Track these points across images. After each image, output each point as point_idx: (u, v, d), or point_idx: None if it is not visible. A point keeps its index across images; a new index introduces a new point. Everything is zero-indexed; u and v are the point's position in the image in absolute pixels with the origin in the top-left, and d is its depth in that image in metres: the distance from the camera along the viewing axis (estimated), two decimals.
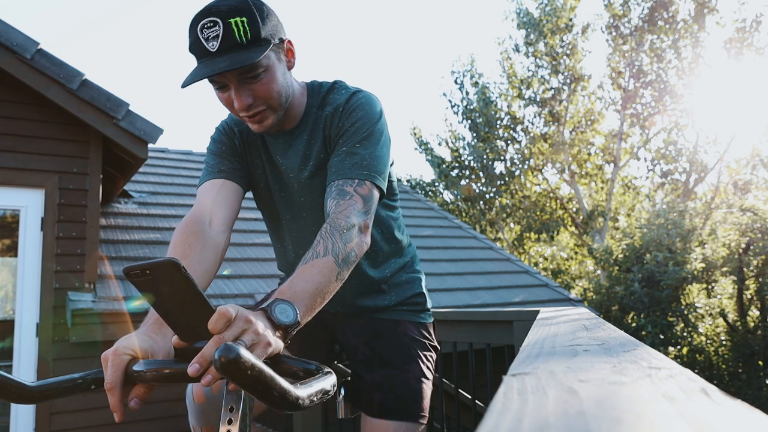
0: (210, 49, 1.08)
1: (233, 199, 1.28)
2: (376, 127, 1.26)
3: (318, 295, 0.99)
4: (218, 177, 1.30)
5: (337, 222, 1.10)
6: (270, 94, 1.17)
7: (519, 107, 15.83)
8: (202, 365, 0.78)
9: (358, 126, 1.24)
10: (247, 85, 1.14)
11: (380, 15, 50.10)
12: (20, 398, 0.86)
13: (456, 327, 2.18)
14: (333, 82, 1.36)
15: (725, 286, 9.50)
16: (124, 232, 4.91)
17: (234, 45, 1.08)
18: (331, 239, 1.06)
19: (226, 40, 1.08)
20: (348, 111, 1.27)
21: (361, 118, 1.25)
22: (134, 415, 3.68)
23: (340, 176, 1.20)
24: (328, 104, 1.31)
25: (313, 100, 1.33)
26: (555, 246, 16.28)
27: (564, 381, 0.45)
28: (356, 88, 1.33)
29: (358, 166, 1.20)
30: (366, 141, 1.23)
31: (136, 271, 0.77)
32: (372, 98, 1.30)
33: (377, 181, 1.21)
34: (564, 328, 1.01)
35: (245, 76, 1.12)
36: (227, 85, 1.14)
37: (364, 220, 1.15)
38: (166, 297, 0.80)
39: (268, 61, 1.14)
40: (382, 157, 1.25)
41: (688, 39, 13.79)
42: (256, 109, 1.17)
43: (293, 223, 1.41)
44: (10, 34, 3.79)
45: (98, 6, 69.14)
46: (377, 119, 1.27)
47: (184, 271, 0.77)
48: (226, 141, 1.36)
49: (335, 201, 1.16)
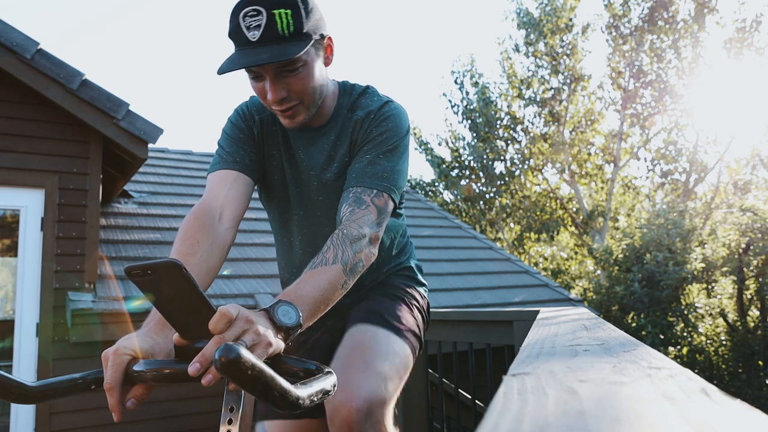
0: (251, 38, 1.07)
1: (244, 194, 1.26)
2: (403, 141, 1.27)
3: (322, 302, 0.99)
4: (233, 168, 1.27)
5: (349, 230, 1.10)
6: (305, 89, 1.15)
7: (519, 107, 15.83)
8: (203, 365, 0.78)
9: (385, 137, 1.24)
10: (283, 78, 1.13)
11: (380, 15, 50.11)
12: (20, 398, 0.86)
13: (456, 327, 2.18)
14: (366, 87, 1.36)
15: (725, 286, 9.49)
16: (124, 232, 4.91)
17: (276, 37, 1.06)
18: (341, 247, 1.06)
19: (268, 31, 1.06)
20: (378, 119, 1.26)
21: (390, 130, 1.25)
22: (134, 415, 3.68)
23: (359, 183, 1.19)
24: (359, 108, 1.30)
25: (344, 100, 1.32)
26: (555, 246, 16.28)
27: (564, 381, 0.45)
28: (388, 98, 1.32)
29: (379, 177, 1.20)
30: (390, 153, 1.24)
31: (138, 270, 0.77)
32: (402, 111, 1.31)
33: (394, 195, 1.22)
34: (564, 328, 1.01)
35: (283, 69, 1.11)
36: (263, 76, 1.13)
37: (376, 231, 1.15)
38: (167, 297, 0.80)
39: (307, 56, 1.13)
40: (403, 171, 1.25)
41: (688, 39, 13.79)
42: (290, 103, 1.16)
43: (305, 220, 1.39)
44: (10, 34, 3.79)
45: (98, 6, 69.13)
46: (405, 133, 1.28)
47: (185, 272, 0.77)
48: (245, 128, 1.34)
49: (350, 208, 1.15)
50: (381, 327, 1.30)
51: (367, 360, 1.19)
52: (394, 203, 1.23)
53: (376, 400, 1.13)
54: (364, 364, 1.18)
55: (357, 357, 1.20)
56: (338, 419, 1.12)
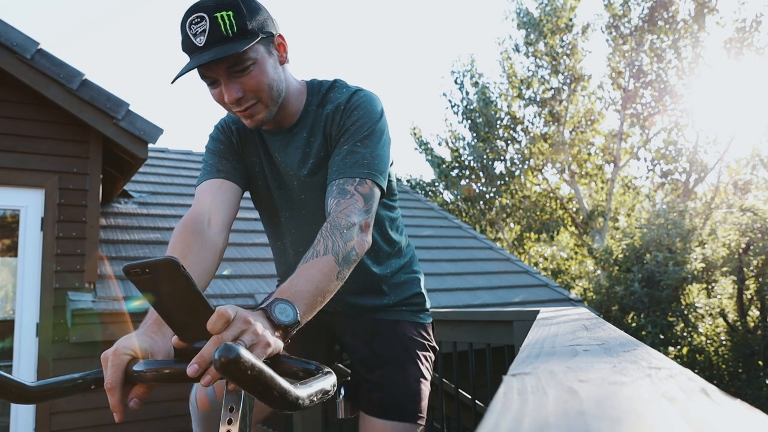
0: (198, 44, 1.09)
1: (232, 200, 1.28)
2: (377, 126, 1.26)
3: (318, 294, 0.99)
4: (217, 177, 1.30)
5: (337, 221, 1.10)
6: (260, 87, 1.16)
7: (519, 107, 15.83)
8: (201, 366, 0.78)
9: (359, 125, 1.25)
10: (236, 79, 1.14)
11: (380, 15, 50.12)
12: (20, 398, 0.86)
13: (456, 327, 2.18)
14: (333, 81, 1.36)
15: (725, 286, 9.49)
16: (124, 232, 4.91)
17: (220, 38, 1.08)
18: (331, 238, 1.06)
19: (212, 34, 1.08)
20: (349, 110, 1.27)
21: (362, 117, 1.25)
22: (134, 415, 3.68)
23: (340, 175, 1.20)
24: (328, 102, 1.31)
25: (313, 98, 1.33)
26: (555, 246, 16.28)
27: (564, 381, 0.45)
28: (357, 87, 1.33)
29: (359, 165, 1.20)
30: (367, 140, 1.24)
31: (136, 269, 0.77)
32: (373, 97, 1.31)
33: (378, 180, 1.22)
34: (564, 328, 1.01)
35: (234, 70, 1.13)
36: (218, 81, 1.15)
37: (365, 218, 1.15)
38: (165, 296, 0.80)
39: (256, 54, 1.14)
40: (383, 156, 1.25)
41: (688, 39, 13.79)
42: (247, 103, 1.17)
43: (292, 220, 1.40)
44: (10, 34, 3.79)
45: (98, 6, 69.15)
46: (378, 118, 1.28)
47: (183, 270, 0.77)
48: (224, 139, 1.36)
49: (336, 200, 1.16)
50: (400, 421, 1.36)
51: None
52: (380, 189, 1.23)
53: None
54: None
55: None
56: None
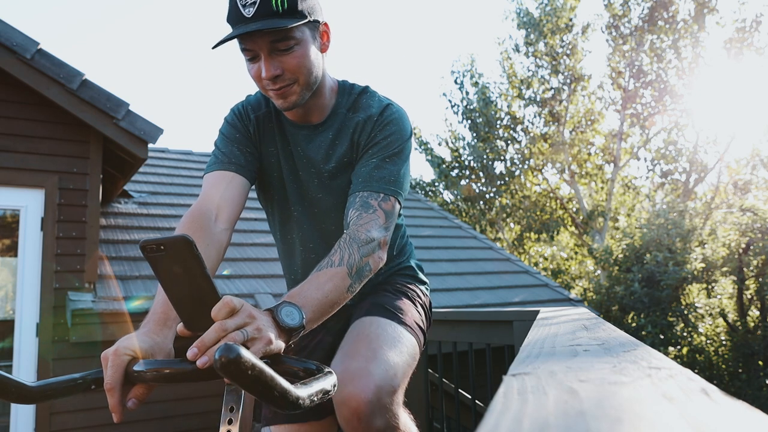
0: (246, 14, 1.08)
1: (240, 196, 1.27)
2: (407, 145, 1.28)
3: (327, 304, 0.99)
4: (229, 169, 1.27)
5: (357, 234, 1.10)
6: (300, 68, 1.15)
7: (519, 107, 15.83)
8: (201, 350, 0.78)
9: (390, 140, 1.25)
10: (277, 56, 1.13)
11: (380, 15, 50.12)
12: (20, 398, 0.86)
13: (456, 327, 2.18)
14: (365, 87, 1.37)
15: (725, 286, 9.49)
16: (124, 232, 4.91)
17: (270, 12, 1.08)
18: (348, 250, 1.06)
19: (263, 6, 1.07)
20: (382, 123, 1.27)
21: (394, 134, 1.26)
22: (134, 416, 3.68)
23: (366, 188, 1.20)
24: (360, 109, 1.30)
25: (344, 99, 1.32)
26: (555, 246, 16.28)
27: (564, 381, 0.45)
28: (389, 100, 1.33)
29: (386, 181, 1.21)
30: (396, 157, 1.25)
31: (152, 245, 0.78)
32: (404, 114, 1.32)
33: (400, 198, 1.23)
34: (564, 328, 1.01)
35: (277, 46, 1.12)
36: (258, 56, 1.14)
37: (384, 236, 1.15)
38: (176, 276, 0.80)
39: (302, 34, 1.14)
40: (407, 175, 1.27)
41: (688, 39, 13.79)
42: (283, 82, 1.16)
43: (304, 216, 1.39)
44: (10, 34, 3.79)
45: (98, 6, 69.16)
46: (408, 137, 1.29)
47: (196, 251, 0.78)
48: (241, 127, 1.34)
49: (357, 212, 1.16)
50: (386, 318, 1.29)
51: (374, 348, 1.17)
52: (400, 206, 1.24)
53: (385, 388, 1.10)
54: (371, 351, 1.16)
55: (363, 346, 1.18)
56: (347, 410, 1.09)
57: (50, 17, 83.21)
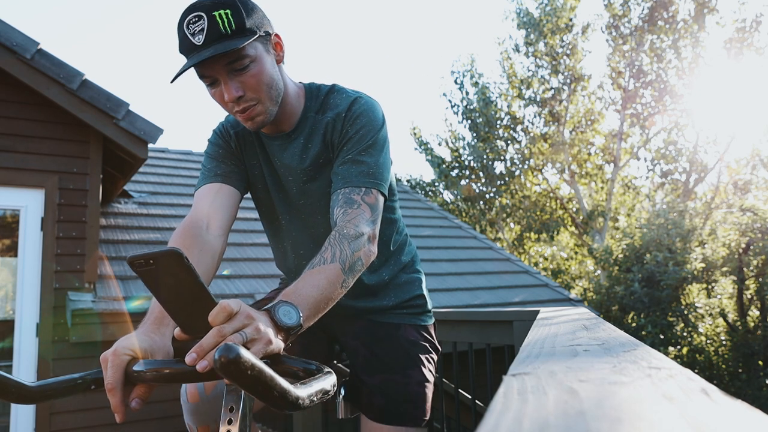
0: (196, 42, 1.09)
1: (230, 203, 1.28)
2: (380, 134, 1.27)
3: (323, 301, 0.99)
4: (215, 181, 1.30)
5: (346, 230, 1.10)
6: (260, 85, 1.16)
7: (519, 107, 15.83)
8: (200, 355, 0.78)
9: (362, 134, 1.25)
10: (236, 77, 1.14)
11: (380, 15, 50.12)
12: (20, 398, 0.86)
13: (456, 327, 2.18)
14: (331, 85, 1.36)
15: (725, 286, 9.49)
16: (124, 232, 4.92)
17: (219, 36, 1.08)
18: (339, 246, 1.07)
19: (211, 32, 1.08)
20: (351, 118, 1.26)
21: (365, 126, 1.25)
22: (134, 415, 3.68)
23: (346, 184, 1.20)
24: (328, 109, 1.30)
25: (312, 103, 1.32)
26: (555, 246, 16.28)
27: (564, 381, 0.45)
28: (357, 93, 1.32)
29: (365, 175, 1.21)
30: (371, 149, 1.24)
31: (140, 260, 0.77)
32: (374, 104, 1.30)
33: (383, 189, 1.23)
34: (564, 328, 1.01)
35: (233, 67, 1.12)
36: (217, 80, 1.14)
37: (372, 229, 1.15)
38: (168, 288, 0.80)
39: (255, 51, 1.14)
40: (386, 164, 1.26)
41: (688, 39, 13.79)
42: (246, 103, 1.16)
43: (292, 224, 1.40)
44: (10, 34, 3.79)
45: (98, 6, 69.14)
46: (380, 126, 1.28)
47: (186, 262, 0.78)
48: (223, 144, 1.36)
49: (342, 209, 1.16)
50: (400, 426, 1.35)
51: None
52: (384, 197, 1.24)
53: None
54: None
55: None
56: None
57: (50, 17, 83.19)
